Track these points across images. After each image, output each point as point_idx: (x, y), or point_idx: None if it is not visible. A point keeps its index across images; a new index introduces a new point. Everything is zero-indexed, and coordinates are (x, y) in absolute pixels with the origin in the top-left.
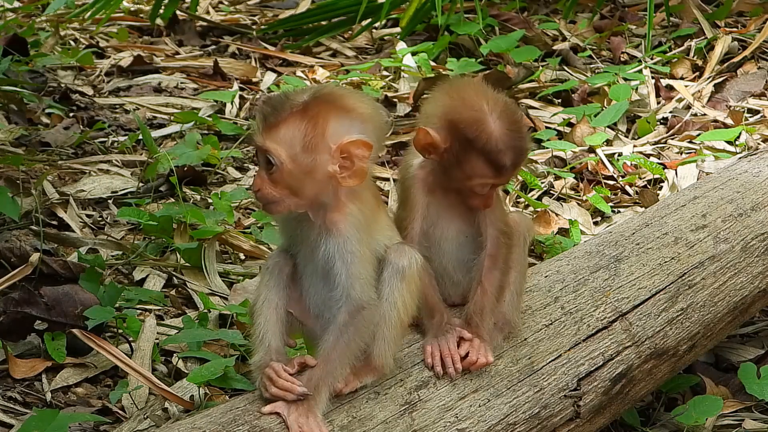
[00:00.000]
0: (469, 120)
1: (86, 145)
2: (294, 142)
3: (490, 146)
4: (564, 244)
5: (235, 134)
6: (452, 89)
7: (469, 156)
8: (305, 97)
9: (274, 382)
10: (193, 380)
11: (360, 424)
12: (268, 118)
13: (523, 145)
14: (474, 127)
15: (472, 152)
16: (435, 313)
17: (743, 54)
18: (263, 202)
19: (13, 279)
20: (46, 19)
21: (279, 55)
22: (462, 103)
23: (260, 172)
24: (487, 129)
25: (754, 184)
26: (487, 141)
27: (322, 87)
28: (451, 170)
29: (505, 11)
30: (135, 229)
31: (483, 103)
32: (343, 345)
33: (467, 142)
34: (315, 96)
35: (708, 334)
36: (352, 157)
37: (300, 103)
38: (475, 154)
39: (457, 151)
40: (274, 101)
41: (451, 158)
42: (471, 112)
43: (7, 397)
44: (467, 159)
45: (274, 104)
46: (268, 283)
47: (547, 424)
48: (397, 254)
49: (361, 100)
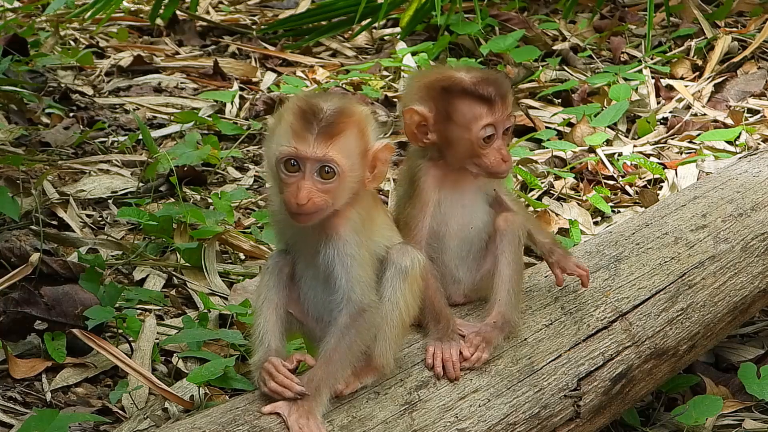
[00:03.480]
0: (440, 77)
1: (86, 145)
2: (352, 152)
3: (465, 85)
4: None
5: (235, 134)
6: (415, 74)
7: (455, 104)
8: (344, 105)
9: (273, 377)
10: (193, 380)
11: (360, 424)
12: (326, 129)
13: (498, 77)
14: (445, 78)
15: (455, 99)
16: (441, 318)
17: (743, 54)
18: (309, 212)
19: (13, 279)
20: (46, 19)
21: (279, 55)
22: (428, 74)
23: (306, 182)
24: (455, 76)
25: (754, 184)
26: (461, 82)
27: (342, 94)
28: (449, 137)
29: (505, 11)
30: (135, 229)
31: (447, 68)
32: (345, 347)
33: (447, 93)
34: (349, 103)
35: (708, 334)
36: (378, 161)
37: (348, 111)
38: (458, 99)
39: (443, 109)
40: (324, 110)
41: (443, 123)
42: (440, 74)
43: (7, 397)
44: (455, 109)
45: (326, 114)
46: (267, 283)
47: (547, 424)
48: (400, 254)
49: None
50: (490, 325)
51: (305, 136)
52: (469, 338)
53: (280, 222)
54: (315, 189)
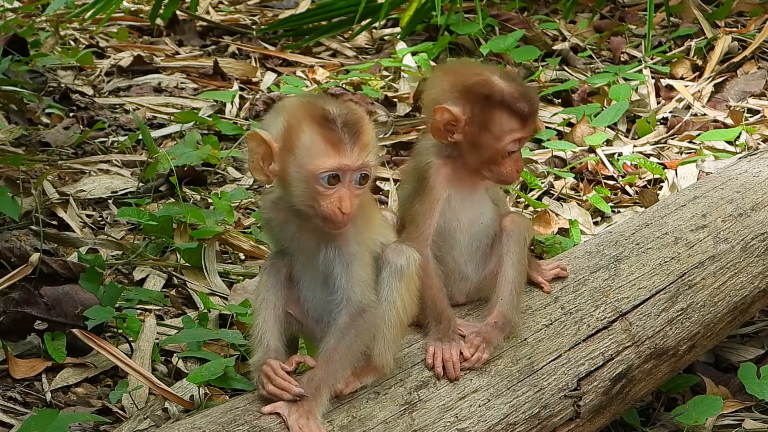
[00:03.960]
0: (480, 81)
1: (86, 145)
2: (375, 157)
3: (507, 97)
4: (564, 244)
5: (235, 134)
6: (446, 69)
7: (493, 114)
8: (351, 106)
9: (271, 380)
10: (193, 380)
11: (360, 424)
12: (358, 137)
13: (532, 93)
14: (487, 85)
15: (494, 109)
16: (443, 318)
17: (743, 54)
18: (350, 219)
19: (13, 279)
20: (46, 19)
21: (279, 55)
22: (464, 73)
23: (349, 192)
24: (497, 84)
25: (754, 184)
26: (502, 93)
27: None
28: (477, 142)
29: (505, 11)
30: (135, 229)
31: (481, 69)
32: (345, 347)
33: (486, 101)
34: (349, 103)
35: (708, 334)
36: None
37: (360, 112)
38: (497, 110)
39: (479, 115)
40: (347, 117)
41: (474, 127)
42: (477, 77)
43: (7, 397)
44: (492, 118)
45: (350, 121)
46: (266, 283)
47: (547, 424)
48: (395, 253)
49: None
50: (491, 325)
51: (343, 148)
52: (470, 338)
53: (275, 227)
54: (354, 196)
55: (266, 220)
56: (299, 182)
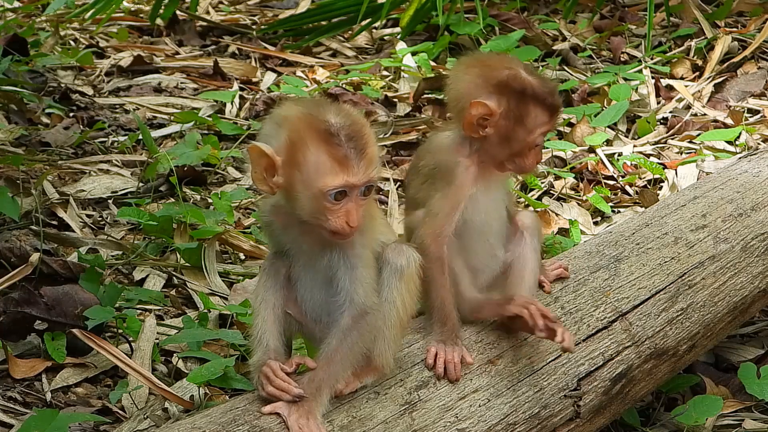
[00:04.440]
0: (513, 76)
1: (86, 145)
2: (379, 168)
3: (539, 92)
4: (564, 244)
5: (235, 134)
6: (471, 63)
7: (527, 107)
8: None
9: (271, 381)
10: (193, 380)
11: (360, 424)
12: (363, 151)
13: (556, 87)
14: (520, 80)
15: (528, 103)
16: (448, 321)
17: (743, 54)
18: (354, 232)
19: (13, 279)
20: (46, 19)
21: (279, 55)
22: (494, 66)
23: (355, 205)
24: (527, 79)
25: (754, 184)
26: (534, 88)
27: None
28: (509, 135)
29: (505, 11)
30: (135, 229)
31: (509, 61)
32: (346, 349)
33: (521, 96)
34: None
35: (708, 334)
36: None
37: (360, 119)
38: (531, 104)
39: (514, 109)
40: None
41: (509, 121)
42: (509, 71)
43: (7, 397)
44: (526, 112)
45: (353, 133)
46: (265, 283)
47: (547, 424)
48: (395, 253)
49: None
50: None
51: (350, 165)
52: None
53: (276, 230)
54: (360, 207)
55: (266, 223)
56: (306, 198)
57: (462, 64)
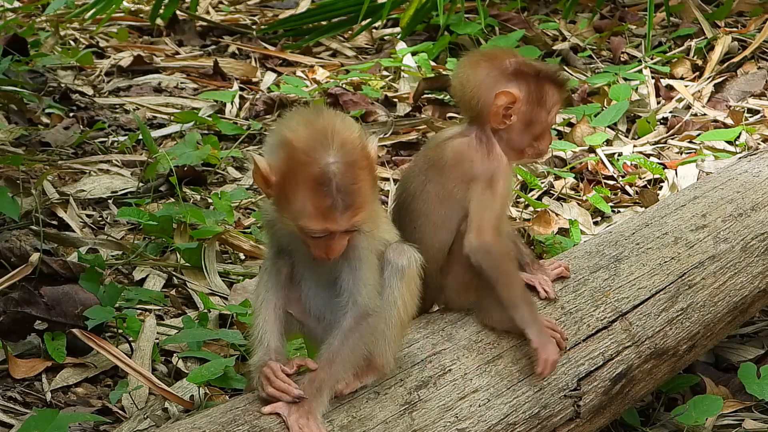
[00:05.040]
0: (522, 62)
1: (86, 145)
2: (369, 201)
3: (547, 70)
4: (564, 244)
5: (235, 134)
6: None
7: (544, 88)
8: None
9: (271, 382)
10: (193, 380)
11: (360, 424)
12: (349, 201)
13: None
14: (529, 64)
15: (544, 83)
16: (533, 304)
17: (743, 54)
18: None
19: (13, 279)
20: (46, 19)
21: (279, 55)
22: (503, 57)
23: (336, 242)
24: (534, 63)
25: (754, 184)
26: (543, 69)
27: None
28: (531, 119)
29: (505, 11)
30: (135, 229)
31: (506, 51)
32: (348, 350)
33: (537, 77)
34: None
35: (708, 334)
36: (376, 156)
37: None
38: (547, 84)
39: (534, 92)
40: (339, 177)
41: (531, 104)
42: (517, 57)
43: (7, 397)
44: (544, 92)
45: (342, 180)
46: (266, 283)
47: (547, 424)
48: (397, 254)
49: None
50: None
51: (334, 216)
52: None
53: (278, 229)
54: (342, 241)
55: (268, 222)
56: (290, 225)
57: (466, 65)
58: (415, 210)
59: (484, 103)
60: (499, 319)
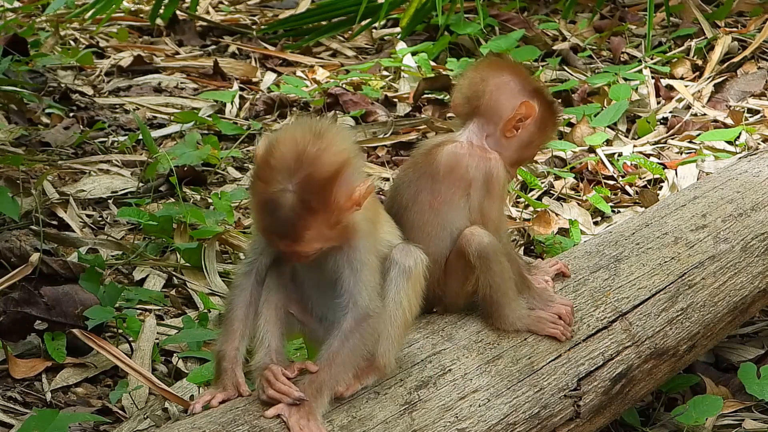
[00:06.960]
0: (543, 86)
1: (86, 145)
2: (320, 234)
3: (556, 107)
4: (564, 244)
5: (235, 134)
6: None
7: (552, 118)
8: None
9: (271, 385)
10: (193, 380)
11: (360, 424)
12: (287, 232)
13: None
14: (548, 91)
15: (553, 114)
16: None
17: (743, 54)
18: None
19: (13, 279)
20: (46, 19)
21: (279, 55)
22: (522, 73)
23: (293, 255)
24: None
25: (754, 184)
26: (554, 103)
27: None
28: (530, 141)
29: (505, 11)
30: (135, 229)
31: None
32: (348, 351)
33: (549, 106)
34: (309, 176)
35: (708, 334)
36: (360, 202)
37: (303, 199)
38: (554, 117)
39: (544, 117)
40: (284, 214)
41: (536, 127)
42: (536, 79)
43: (7, 397)
44: (551, 122)
45: (285, 219)
46: (267, 284)
47: (547, 424)
48: (403, 254)
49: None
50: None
51: (272, 238)
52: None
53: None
54: (301, 254)
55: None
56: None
57: (486, 66)
58: (407, 222)
59: (496, 105)
60: (512, 321)
